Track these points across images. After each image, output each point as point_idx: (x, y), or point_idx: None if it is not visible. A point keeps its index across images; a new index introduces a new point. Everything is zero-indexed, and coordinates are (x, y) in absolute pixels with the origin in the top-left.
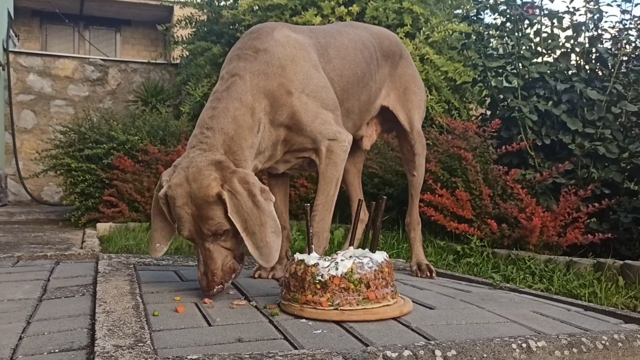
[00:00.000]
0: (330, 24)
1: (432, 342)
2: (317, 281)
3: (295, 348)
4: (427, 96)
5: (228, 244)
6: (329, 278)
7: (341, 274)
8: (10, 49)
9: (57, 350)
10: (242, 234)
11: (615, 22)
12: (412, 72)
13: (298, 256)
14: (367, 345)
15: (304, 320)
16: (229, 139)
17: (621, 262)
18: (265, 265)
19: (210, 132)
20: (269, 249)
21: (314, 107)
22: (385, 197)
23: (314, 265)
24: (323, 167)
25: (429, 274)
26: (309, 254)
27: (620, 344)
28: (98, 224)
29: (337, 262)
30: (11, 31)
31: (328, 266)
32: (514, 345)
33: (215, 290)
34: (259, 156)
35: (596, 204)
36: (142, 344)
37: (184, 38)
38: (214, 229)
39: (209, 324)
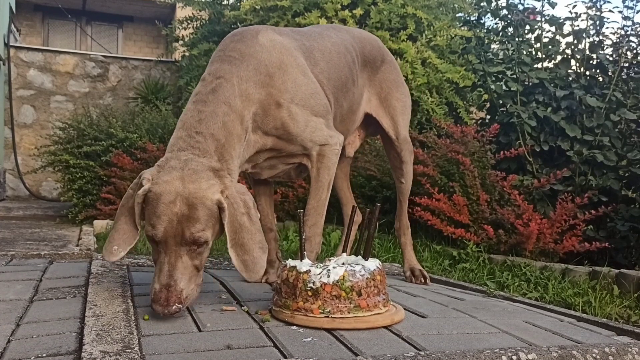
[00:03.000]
0: (311, 26)
1: (422, 353)
2: (309, 288)
3: (285, 356)
4: (428, 98)
5: (197, 261)
6: (321, 285)
7: (333, 282)
8: (11, 44)
9: (44, 355)
10: (229, 244)
11: (617, 29)
12: (395, 77)
13: (290, 262)
14: (356, 355)
15: (294, 327)
16: (220, 146)
17: (617, 270)
18: (249, 279)
19: (201, 137)
20: (254, 264)
21: (303, 116)
22: (379, 204)
23: (305, 272)
24: (315, 171)
25: (422, 280)
26: (301, 260)
27: (611, 358)
28: (95, 221)
29: (329, 270)
30: (13, 26)
31: (320, 273)
32: (504, 358)
33: (173, 308)
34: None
35: (593, 212)
36: (129, 350)
37: (185, 38)
38: (197, 235)
39: (199, 330)
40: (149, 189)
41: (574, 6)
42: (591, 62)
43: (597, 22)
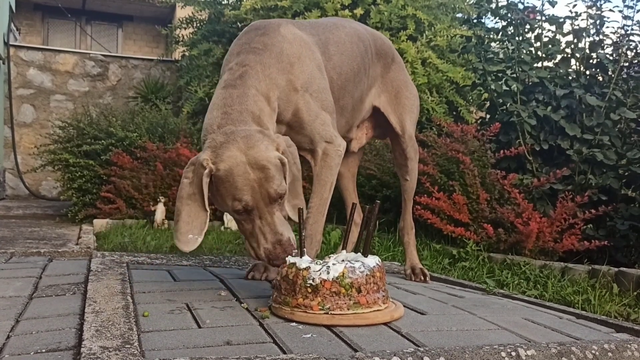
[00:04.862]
0: (326, 18)
1: (421, 349)
2: (308, 285)
3: (284, 352)
4: (428, 97)
5: (283, 212)
6: (320, 282)
7: (332, 278)
8: (11, 43)
9: (43, 350)
10: (287, 193)
11: (617, 28)
12: (404, 77)
13: (290, 259)
14: (356, 351)
15: (294, 323)
16: (256, 117)
17: (616, 269)
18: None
19: (237, 113)
20: (302, 207)
21: (315, 107)
22: (378, 201)
23: (305, 268)
24: (318, 169)
25: (422, 278)
26: (300, 257)
27: (610, 354)
28: (95, 220)
29: (329, 266)
30: (12, 25)
31: (319, 270)
32: (503, 354)
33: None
34: None
35: (593, 211)
36: (129, 346)
37: (185, 38)
38: (280, 189)
39: (199, 326)
40: (215, 169)
41: (574, 5)
42: (591, 61)
43: (597, 22)
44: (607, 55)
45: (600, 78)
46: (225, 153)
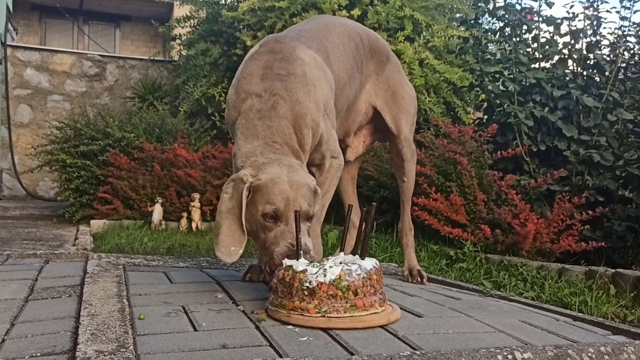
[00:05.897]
0: (317, 18)
1: (417, 352)
2: (305, 288)
3: (280, 355)
4: (426, 98)
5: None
6: (317, 285)
7: (329, 281)
8: (8, 43)
9: (38, 354)
10: (313, 222)
11: (614, 29)
12: (400, 78)
13: (286, 262)
14: (352, 354)
15: (290, 326)
16: (295, 151)
17: (613, 270)
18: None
19: (279, 145)
20: (319, 247)
21: (329, 126)
22: (374, 203)
23: (302, 271)
24: (322, 179)
25: (419, 280)
26: (297, 260)
27: (606, 357)
28: (92, 221)
29: (326, 269)
30: (10, 25)
31: (316, 273)
32: (499, 357)
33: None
34: None
35: (590, 212)
36: (124, 350)
37: (182, 37)
38: (311, 210)
39: (195, 329)
40: (255, 179)
41: (572, 6)
42: (588, 62)
43: (595, 22)
44: (604, 56)
45: (598, 79)
46: (268, 169)
